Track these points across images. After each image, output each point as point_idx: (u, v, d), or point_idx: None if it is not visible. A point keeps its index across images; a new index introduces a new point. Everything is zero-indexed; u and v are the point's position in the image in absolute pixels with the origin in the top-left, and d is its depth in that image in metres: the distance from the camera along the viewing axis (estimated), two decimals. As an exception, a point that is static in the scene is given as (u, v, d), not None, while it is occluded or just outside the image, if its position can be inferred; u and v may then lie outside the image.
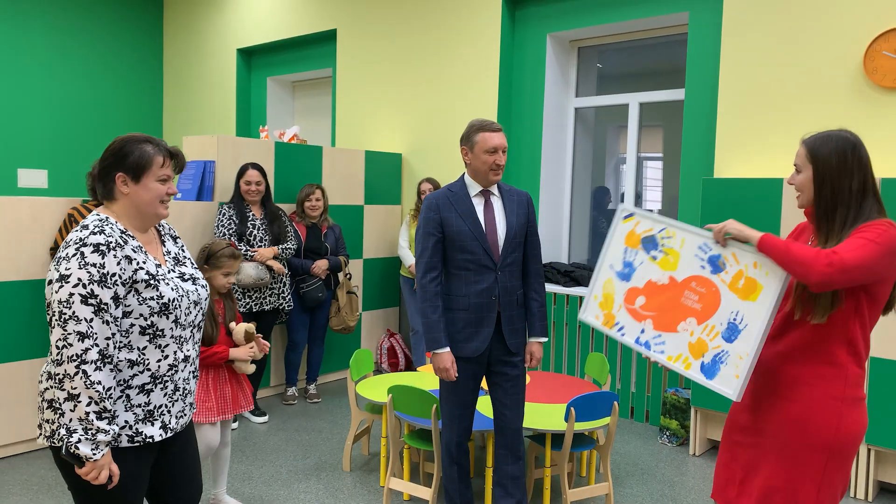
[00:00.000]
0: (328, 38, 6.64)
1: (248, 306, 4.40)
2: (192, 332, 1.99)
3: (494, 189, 2.91)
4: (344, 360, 5.51)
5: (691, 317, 2.28)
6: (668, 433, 4.33)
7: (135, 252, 1.85)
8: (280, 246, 4.51)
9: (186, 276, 2.01)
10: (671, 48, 5.05)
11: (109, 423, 1.78)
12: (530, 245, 2.98)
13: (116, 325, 1.80)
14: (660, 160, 5.40)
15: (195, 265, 2.11)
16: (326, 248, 4.88)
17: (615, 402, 3.22)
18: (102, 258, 1.77)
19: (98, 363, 1.75)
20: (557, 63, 5.40)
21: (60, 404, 1.75)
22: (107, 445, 1.78)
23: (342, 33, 6.40)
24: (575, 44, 5.46)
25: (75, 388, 1.73)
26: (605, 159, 5.71)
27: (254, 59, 7.55)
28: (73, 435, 1.74)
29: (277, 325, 4.92)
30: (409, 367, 5.72)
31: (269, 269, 4.41)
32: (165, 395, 1.92)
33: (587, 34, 5.27)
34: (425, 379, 3.88)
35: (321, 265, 4.79)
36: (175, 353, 1.93)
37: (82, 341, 1.73)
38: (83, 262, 1.76)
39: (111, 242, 1.80)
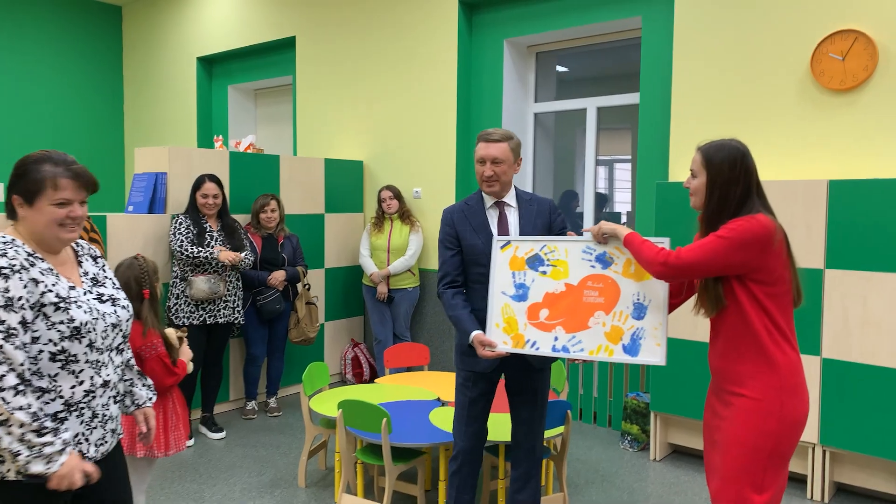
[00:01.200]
0: (287, 45, 6.57)
1: (201, 318, 4.31)
2: (110, 356, 1.91)
3: (511, 200, 2.81)
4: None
5: (598, 311, 2.42)
6: (629, 438, 4.31)
7: (43, 274, 1.78)
8: (242, 253, 4.42)
9: (105, 298, 1.93)
10: (628, 52, 5.05)
11: (55, 435, 1.71)
12: None
13: (25, 352, 1.73)
14: (628, 162, 5.40)
15: (117, 285, 2.03)
16: (283, 258, 4.80)
17: (568, 411, 3.20)
18: (6, 282, 1.70)
19: (17, 387, 1.67)
20: (515, 68, 5.38)
21: None
22: (61, 453, 1.71)
23: (301, 40, 6.33)
24: (533, 49, 5.44)
25: (1, 415, 1.65)
26: (567, 163, 5.69)
27: (214, 68, 7.45)
28: (19, 457, 1.66)
29: (234, 338, 4.83)
30: (375, 376, 5.66)
31: (222, 281, 4.33)
32: (82, 422, 1.84)
33: (544, 39, 5.26)
34: (383, 391, 3.82)
35: (278, 276, 4.72)
36: (92, 378, 1.85)
37: None
38: (-14, 288, 1.68)
39: (15, 265, 1.73)
